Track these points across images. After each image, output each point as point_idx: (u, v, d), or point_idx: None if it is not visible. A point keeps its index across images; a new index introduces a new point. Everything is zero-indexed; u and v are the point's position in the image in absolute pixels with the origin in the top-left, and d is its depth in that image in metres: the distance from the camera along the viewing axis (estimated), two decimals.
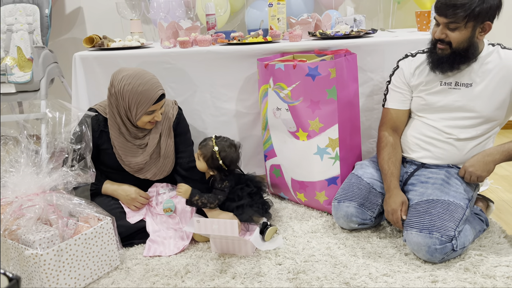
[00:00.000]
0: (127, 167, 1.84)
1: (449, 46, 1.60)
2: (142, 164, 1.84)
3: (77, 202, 1.62)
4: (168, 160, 1.88)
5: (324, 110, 1.88)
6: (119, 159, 1.83)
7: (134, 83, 1.70)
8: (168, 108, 1.90)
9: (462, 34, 1.56)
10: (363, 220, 1.78)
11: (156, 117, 1.77)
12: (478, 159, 1.65)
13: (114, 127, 1.80)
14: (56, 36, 3.28)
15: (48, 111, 1.68)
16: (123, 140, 1.81)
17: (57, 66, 2.77)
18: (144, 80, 1.71)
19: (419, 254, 1.58)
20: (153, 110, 1.75)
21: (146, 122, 1.78)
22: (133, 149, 1.83)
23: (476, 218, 1.75)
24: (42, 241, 1.45)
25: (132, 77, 1.71)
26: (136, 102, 1.71)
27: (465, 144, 1.70)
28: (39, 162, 1.59)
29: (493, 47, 1.65)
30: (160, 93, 1.73)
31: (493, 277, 1.48)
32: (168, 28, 2.35)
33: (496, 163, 1.63)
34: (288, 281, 1.52)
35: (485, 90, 1.64)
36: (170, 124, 1.88)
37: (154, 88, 1.72)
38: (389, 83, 1.86)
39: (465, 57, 1.61)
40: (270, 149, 2.13)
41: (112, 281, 1.58)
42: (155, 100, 1.72)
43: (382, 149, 1.82)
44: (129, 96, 1.70)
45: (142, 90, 1.70)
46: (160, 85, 1.76)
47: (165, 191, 1.91)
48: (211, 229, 1.64)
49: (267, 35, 2.31)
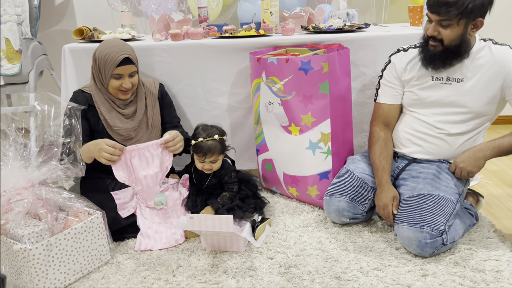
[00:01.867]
0: (116, 135, 1.86)
1: (441, 43, 1.61)
2: (131, 131, 1.88)
3: (67, 196, 1.60)
4: (157, 129, 1.97)
5: (317, 104, 1.88)
6: (108, 128, 1.86)
7: (102, 47, 1.82)
8: (150, 83, 2.00)
9: (455, 31, 1.56)
10: (355, 214, 1.78)
11: (124, 84, 1.81)
12: (469, 155, 1.66)
13: (98, 94, 1.87)
14: (46, 28, 3.23)
15: (37, 104, 1.66)
16: (108, 106, 1.87)
17: (46, 58, 2.73)
18: (111, 45, 1.81)
19: (409, 248, 1.59)
20: (120, 74, 1.80)
21: (117, 89, 1.83)
22: (120, 117, 1.88)
23: (466, 212, 1.76)
24: (31, 235, 1.43)
25: (104, 43, 1.84)
26: (103, 64, 1.79)
27: (456, 139, 1.71)
28: (27, 156, 1.56)
29: (484, 43, 1.65)
30: (123, 56, 1.78)
31: (483, 271, 1.50)
32: (160, 21, 2.32)
33: (486, 159, 1.64)
34: (280, 275, 1.53)
35: (476, 85, 1.64)
36: (154, 97, 1.97)
37: (118, 51, 1.78)
38: (381, 77, 1.86)
39: (457, 53, 1.61)
40: (262, 144, 2.12)
41: (102, 275, 1.57)
42: (118, 62, 1.77)
43: (374, 144, 1.82)
44: (98, 59, 1.81)
45: (107, 52, 1.78)
46: (126, 50, 1.81)
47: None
48: (205, 225, 1.62)
49: (260, 28, 2.29)
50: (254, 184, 1.95)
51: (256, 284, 1.48)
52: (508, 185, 2.25)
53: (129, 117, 1.91)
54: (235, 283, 1.49)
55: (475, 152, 1.65)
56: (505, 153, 1.64)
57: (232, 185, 1.88)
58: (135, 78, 1.86)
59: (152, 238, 1.75)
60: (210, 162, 1.83)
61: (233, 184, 1.88)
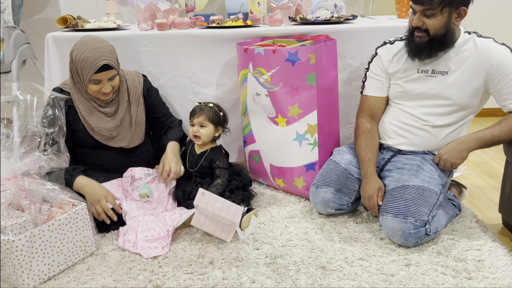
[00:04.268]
0: (99, 136, 1.81)
1: (426, 33, 1.62)
2: (113, 130, 1.82)
3: (51, 188, 1.58)
4: (140, 127, 1.90)
5: (304, 96, 1.88)
6: (88, 128, 1.80)
7: (80, 49, 1.70)
8: (133, 77, 1.91)
9: (439, 20, 1.58)
10: (340, 205, 1.80)
11: (104, 88, 1.74)
12: (452, 146, 1.68)
13: (77, 93, 1.80)
14: (28, 16, 3.15)
15: (20, 94, 1.63)
16: (88, 106, 1.80)
17: (29, 47, 2.67)
18: (90, 48, 1.69)
19: (394, 239, 1.62)
20: (99, 79, 1.71)
21: (96, 92, 1.75)
22: (101, 116, 1.82)
23: (449, 203, 1.79)
24: (14, 227, 1.41)
25: (82, 43, 1.71)
26: (80, 69, 1.70)
27: (440, 131, 1.73)
28: (10, 146, 1.54)
29: (469, 35, 1.67)
30: (102, 63, 1.68)
31: (464, 260, 1.53)
32: (146, 10, 2.29)
33: (470, 151, 1.67)
34: (266, 265, 1.53)
35: (460, 78, 1.66)
36: (138, 93, 1.90)
37: (97, 57, 1.68)
38: (367, 70, 1.87)
39: (443, 43, 1.62)
40: (249, 135, 2.12)
41: (87, 267, 1.56)
42: (96, 68, 1.68)
43: (360, 136, 1.83)
44: (75, 62, 1.71)
45: (85, 57, 1.68)
46: (106, 55, 1.70)
47: (140, 175, 1.87)
48: (213, 206, 1.57)
49: (247, 19, 2.28)
50: (245, 177, 1.97)
51: (242, 275, 1.48)
52: (491, 177, 2.30)
53: (111, 115, 1.83)
54: (221, 274, 1.49)
55: (459, 144, 1.68)
56: (488, 145, 1.66)
57: (224, 171, 1.88)
58: (115, 81, 1.77)
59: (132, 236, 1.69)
60: (199, 125, 1.88)
61: (225, 170, 1.89)
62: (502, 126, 1.64)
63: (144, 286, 1.45)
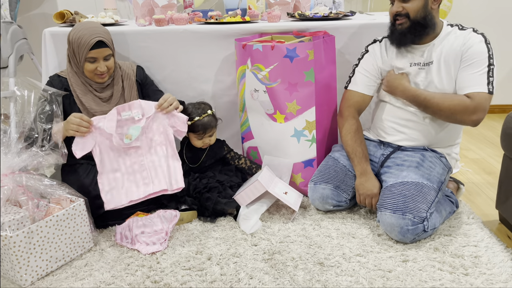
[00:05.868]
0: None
1: (407, 18, 1.66)
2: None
3: (48, 183, 1.58)
4: None
5: (302, 92, 1.88)
6: (84, 111, 1.81)
7: (76, 30, 1.77)
8: (127, 66, 1.96)
9: (416, 2, 1.63)
10: (338, 202, 1.80)
11: (99, 67, 1.77)
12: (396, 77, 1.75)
13: (74, 77, 1.83)
14: (25, 11, 3.14)
15: (17, 89, 1.63)
16: (84, 89, 1.83)
17: (26, 42, 2.66)
18: (85, 27, 1.77)
19: (391, 235, 1.62)
20: (94, 58, 1.75)
21: (92, 73, 1.79)
22: (97, 100, 1.85)
23: (447, 199, 1.80)
24: (11, 222, 1.41)
25: (78, 25, 1.79)
26: (76, 47, 1.75)
27: (440, 123, 1.74)
28: (7, 142, 1.53)
29: (451, 28, 1.71)
30: (97, 39, 1.73)
31: (461, 256, 1.54)
32: (144, 6, 2.28)
33: (399, 90, 1.73)
34: (264, 261, 1.54)
35: (444, 67, 1.68)
36: (131, 80, 1.93)
37: (91, 34, 1.74)
38: (356, 66, 1.88)
39: (425, 26, 1.66)
40: (247, 131, 2.12)
41: (85, 263, 1.56)
42: (91, 45, 1.72)
43: (355, 132, 1.83)
44: (71, 42, 1.76)
45: (81, 35, 1.74)
46: (100, 33, 1.76)
47: (129, 113, 1.71)
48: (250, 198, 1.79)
49: (246, 15, 2.27)
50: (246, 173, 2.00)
51: (240, 271, 1.49)
52: (488, 173, 2.30)
53: (106, 100, 1.87)
54: (219, 270, 1.50)
55: (402, 83, 1.72)
56: (417, 104, 1.70)
57: (238, 159, 2.03)
58: (110, 62, 1.81)
59: (117, 191, 1.64)
60: (208, 137, 1.94)
61: (238, 158, 2.04)
62: (440, 95, 1.66)
63: (142, 282, 1.45)
